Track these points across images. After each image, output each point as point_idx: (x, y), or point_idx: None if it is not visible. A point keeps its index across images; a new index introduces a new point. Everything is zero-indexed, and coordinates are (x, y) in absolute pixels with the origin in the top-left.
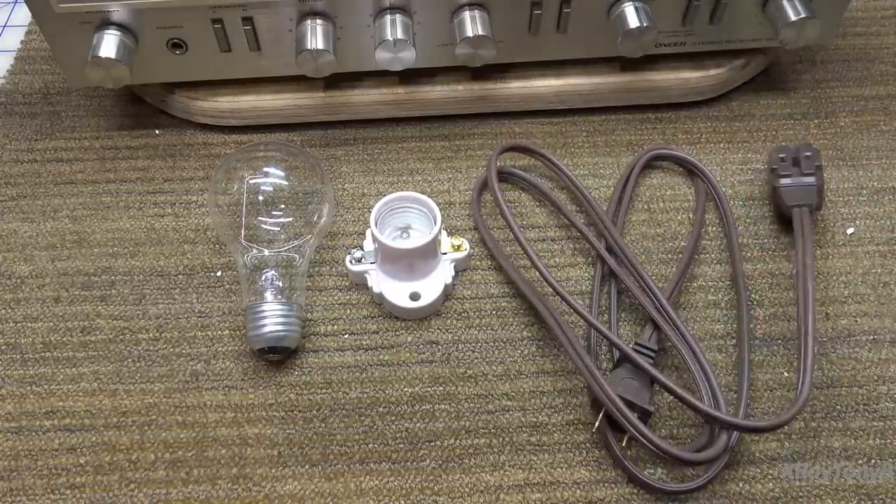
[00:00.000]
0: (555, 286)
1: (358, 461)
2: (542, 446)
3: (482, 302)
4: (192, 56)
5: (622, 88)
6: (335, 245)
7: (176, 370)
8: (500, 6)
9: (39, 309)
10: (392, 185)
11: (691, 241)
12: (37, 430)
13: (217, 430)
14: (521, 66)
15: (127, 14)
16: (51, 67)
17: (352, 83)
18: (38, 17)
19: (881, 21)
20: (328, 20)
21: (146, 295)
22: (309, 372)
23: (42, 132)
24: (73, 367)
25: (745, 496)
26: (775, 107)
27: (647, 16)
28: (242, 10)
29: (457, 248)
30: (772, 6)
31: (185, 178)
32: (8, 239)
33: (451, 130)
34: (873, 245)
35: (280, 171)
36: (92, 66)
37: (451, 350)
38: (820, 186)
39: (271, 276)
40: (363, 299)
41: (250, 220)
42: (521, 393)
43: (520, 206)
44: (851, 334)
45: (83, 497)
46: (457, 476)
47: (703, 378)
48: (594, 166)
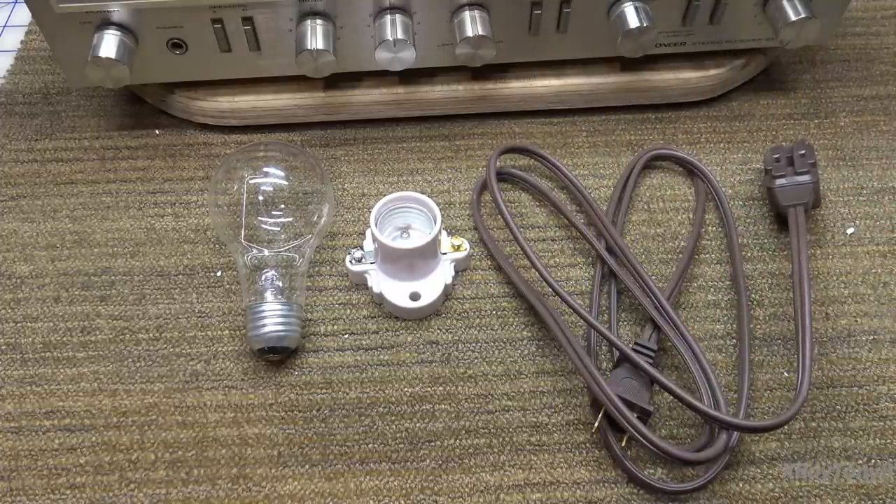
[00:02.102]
0: (554, 286)
1: (358, 461)
2: (542, 446)
3: (482, 302)
4: (192, 56)
5: (622, 88)
6: (335, 245)
7: (176, 370)
8: (500, 6)
9: (39, 309)
10: (392, 185)
11: (691, 241)
12: (37, 430)
13: (217, 430)
14: (521, 66)
15: (127, 14)
16: (51, 67)
17: (352, 83)
18: (38, 17)
19: (881, 21)
20: (328, 20)
21: (146, 295)
22: (309, 372)
23: (42, 132)
24: (73, 367)
25: (745, 496)
26: (775, 107)
27: (647, 16)
28: (242, 10)
29: (457, 248)
30: (772, 6)
31: (185, 178)
32: (8, 239)
33: (451, 130)
34: (873, 245)
35: (280, 171)
36: (92, 66)
37: (451, 350)
38: (815, 184)
39: (271, 276)
40: (363, 299)
41: (250, 220)
42: (521, 393)
43: (519, 207)
44: (851, 334)
45: (83, 497)
46: (457, 476)
47: (702, 378)
48: (594, 166)
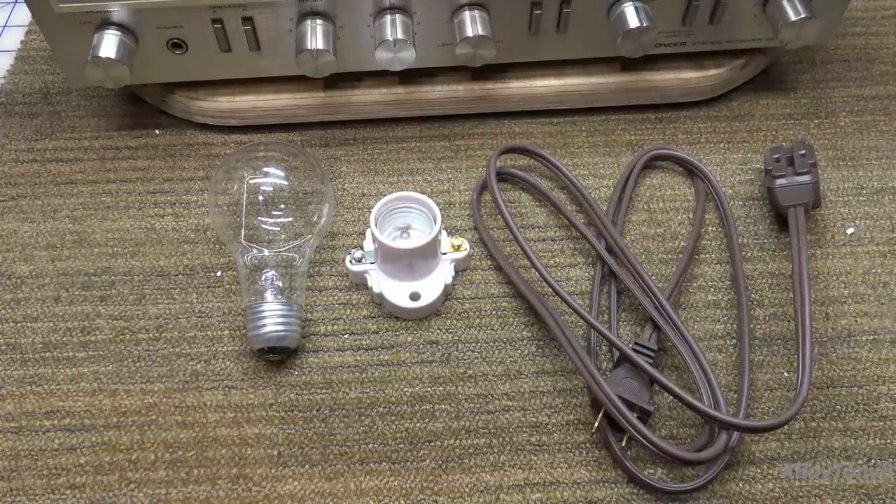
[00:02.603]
0: (554, 286)
1: (358, 461)
2: (542, 446)
3: (482, 302)
4: (192, 56)
5: (622, 88)
6: (335, 245)
7: (176, 370)
8: (500, 6)
9: (39, 309)
10: (392, 185)
11: (691, 240)
12: (37, 430)
13: (217, 430)
14: (521, 66)
15: (127, 14)
16: (51, 67)
17: (352, 83)
18: (38, 17)
19: (881, 21)
20: (328, 20)
21: (146, 295)
22: (309, 372)
23: (42, 132)
24: (73, 367)
25: (745, 496)
26: (775, 107)
27: (647, 16)
28: (242, 10)
29: (457, 248)
30: (772, 6)
31: (185, 178)
32: (8, 239)
33: (451, 130)
34: (873, 245)
35: (280, 171)
36: (92, 66)
37: (451, 350)
38: (815, 184)
39: (271, 276)
40: (363, 299)
41: (250, 220)
42: (521, 393)
43: (519, 207)
44: (851, 334)
45: (83, 497)
46: (457, 476)
47: (702, 378)
48: (594, 166)
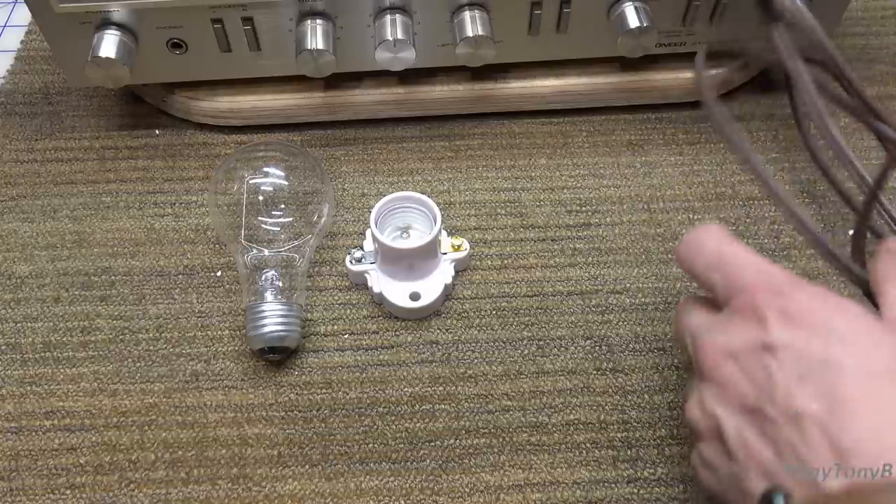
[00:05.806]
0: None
1: (358, 461)
2: (542, 446)
3: (482, 302)
4: (192, 56)
5: (622, 88)
6: (335, 245)
7: (176, 370)
8: (500, 6)
9: (39, 309)
10: (392, 185)
11: None
12: (37, 430)
13: (217, 430)
14: (521, 66)
15: (127, 14)
16: (51, 67)
17: (352, 83)
18: (38, 17)
19: (881, 21)
20: (328, 20)
21: (146, 295)
22: (309, 372)
23: (42, 132)
24: (73, 367)
25: None
26: (775, 107)
27: (647, 16)
28: (242, 10)
29: (457, 248)
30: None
31: (185, 178)
32: (8, 239)
33: (451, 130)
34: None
35: (280, 171)
36: (92, 66)
37: (451, 350)
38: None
39: (271, 276)
40: (363, 299)
41: (250, 220)
42: (521, 393)
43: (520, 207)
44: None
45: (83, 497)
46: (457, 476)
47: None
48: (594, 166)
